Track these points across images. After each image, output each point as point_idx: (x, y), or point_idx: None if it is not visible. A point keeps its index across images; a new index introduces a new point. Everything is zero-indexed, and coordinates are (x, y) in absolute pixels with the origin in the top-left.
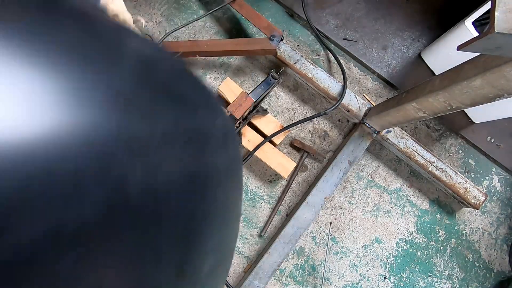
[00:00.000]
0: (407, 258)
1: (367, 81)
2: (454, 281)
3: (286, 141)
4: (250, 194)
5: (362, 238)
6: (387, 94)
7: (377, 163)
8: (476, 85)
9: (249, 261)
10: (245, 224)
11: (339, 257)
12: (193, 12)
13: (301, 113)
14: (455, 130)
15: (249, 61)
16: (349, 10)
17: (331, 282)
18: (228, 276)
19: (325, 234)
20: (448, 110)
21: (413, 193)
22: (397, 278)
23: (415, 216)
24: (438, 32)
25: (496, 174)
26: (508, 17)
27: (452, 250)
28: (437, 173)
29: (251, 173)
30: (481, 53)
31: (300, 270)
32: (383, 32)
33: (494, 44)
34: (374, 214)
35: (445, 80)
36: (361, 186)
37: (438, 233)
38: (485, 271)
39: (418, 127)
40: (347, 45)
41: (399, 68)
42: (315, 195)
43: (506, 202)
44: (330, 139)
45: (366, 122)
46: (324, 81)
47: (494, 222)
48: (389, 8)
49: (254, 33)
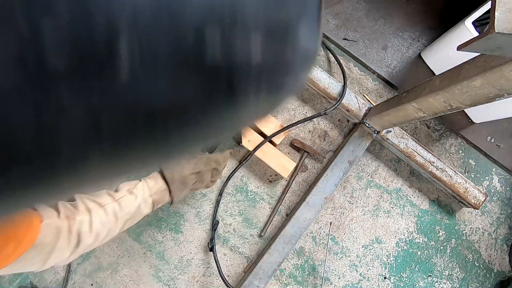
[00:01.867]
0: (407, 258)
1: (367, 81)
2: (454, 281)
3: (286, 141)
4: (250, 194)
5: (362, 238)
6: (387, 94)
7: (377, 163)
8: (476, 85)
9: (249, 261)
10: (245, 224)
11: (339, 257)
12: None
13: (301, 113)
14: (455, 130)
15: None
16: (349, 10)
17: (331, 282)
18: (228, 275)
19: (325, 234)
20: (448, 110)
21: (413, 193)
22: (397, 278)
23: (415, 216)
24: (438, 32)
25: (496, 174)
26: (508, 17)
27: (452, 250)
28: (437, 173)
29: (251, 173)
30: (481, 53)
31: (300, 270)
32: (383, 32)
33: (494, 44)
34: (374, 214)
35: (445, 80)
36: (361, 186)
37: (438, 233)
38: (485, 271)
39: (418, 127)
40: (347, 45)
41: (399, 68)
42: (315, 195)
43: (506, 202)
44: (330, 139)
45: (366, 122)
46: (324, 81)
47: (494, 222)
48: (389, 8)
49: None
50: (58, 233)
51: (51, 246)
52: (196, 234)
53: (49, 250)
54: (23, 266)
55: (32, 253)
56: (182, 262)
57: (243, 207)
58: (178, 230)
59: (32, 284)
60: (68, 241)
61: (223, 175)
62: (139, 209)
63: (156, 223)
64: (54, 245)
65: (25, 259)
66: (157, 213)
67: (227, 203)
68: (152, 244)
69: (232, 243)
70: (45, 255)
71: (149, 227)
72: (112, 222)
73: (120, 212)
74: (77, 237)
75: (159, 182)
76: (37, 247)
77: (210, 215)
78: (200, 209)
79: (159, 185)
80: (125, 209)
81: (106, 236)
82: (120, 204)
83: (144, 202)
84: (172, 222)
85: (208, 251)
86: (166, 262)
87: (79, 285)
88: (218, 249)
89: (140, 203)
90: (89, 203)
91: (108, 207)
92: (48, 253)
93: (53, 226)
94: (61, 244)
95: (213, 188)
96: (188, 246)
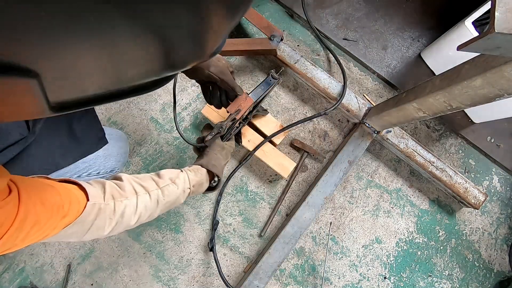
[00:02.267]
0: (407, 258)
1: (367, 81)
2: (454, 281)
3: (286, 141)
4: (250, 194)
5: (362, 238)
6: (387, 94)
7: (377, 163)
8: (476, 85)
9: (249, 261)
10: (245, 224)
11: (339, 257)
12: None
13: (301, 113)
14: (455, 130)
15: (249, 61)
16: (349, 10)
17: (331, 282)
18: (228, 276)
19: (325, 234)
20: (448, 110)
21: (413, 193)
22: (397, 278)
23: (415, 216)
24: (438, 32)
25: (496, 174)
26: (508, 17)
27: (452, 250)
28: (437, 173)
29: (251, 173)
30: (481, 53)
31: (300, 270)
32: (383, 32)
33: (494, 44)
34: (374, 214)
35: (445, 80)
36: (361, 186)
37: (438, 233)
38: (485, 271)
39: (418, 127)
40: (347, 45)
41: (399, 68)
42: (315, 195)
43: (506, 202)
44: (330, 139)
45: (366, 122)
46: (324, 81)
47: (494, 222)
48: (389, 8)
49: (254, 33)
50: (101, 214)
51: (92, 224)
52: (196, 234)
53: (90, 227)
54: (64, 236)
55: (74, 228)
56: (182, 262)
57: (243, 207)
58: (178, 230)
59: (32, 284)
60: (109, 221)
61: (223, 175)
62: (178, 198)
63: (156, 223)
64: (95, 223)
65: (67, 233)
66: None
67: (227, 203)
68: (152, 244)
69: (232, 243)
70: (86, 231)
71: (149, 227)
72: (154, 207)
73: (163, 199)
74: (121, 218)
75: (199, 175)
76: (78, 224)
77: (210, 215)
78: (200, 209)
79: (198, 177)
80: (167, 197)
81: (146, 219)
82: (163, 192)
83: (183, 193)
84: (172, 222)
85: (208, 251)
86: (166, 262)
87: (79, 285)
88: (218, 249)
89: (180, 193)
90: (136, 186)
91: (153, 193)
92: (88, 229)
93: (97, 207)
94: (101, 224)
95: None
96: (188, 246)
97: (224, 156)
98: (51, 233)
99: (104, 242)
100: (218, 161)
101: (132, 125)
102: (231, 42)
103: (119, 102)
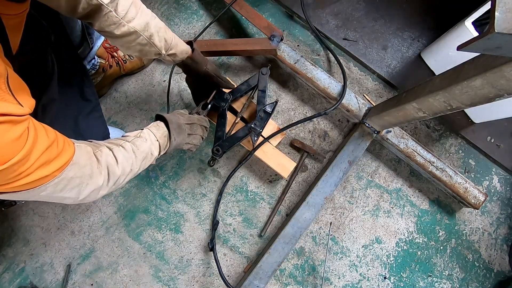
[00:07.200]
0: (407, 258)
1: (367, 81)
2: (454, 281)
3: (286, 141)
4: (250, 194)
5: (362, 238)
6: (387, 94)
7: (377, 163)
8: (476, 85)
9: (249, 261)
10: (245, 224)
11: (339, 257)
12: (193, 12)
13: (301, 113)
14: (455, 130)
15: (249, 61)
16: (349, 10)
17: (331, 282)
18: (228, 275)
19: (325, 234)
20: (448, 110)
21: (413, 193)
22: (397, 278)
23: (415, 216)
24: (438, 32)
25: (496, 174)
26: (508, 17)
27: (452, 250)
28: (437, 173)
29: (251, 173)
30: (481, 53)
31: (300, 270)
32: (383, 32)
33: (494, 44)
34: (374, 214)
35: (445, 80)
36: (361, 186)
37: (438, 233)
38: (485, 271)
39: (418, 127)
40: (347, 45)
41: (399, 68)
42: (315, 195)
43: (506, 202)
44: (330, 139)
45: (366, 122)
46: (324, 81)
47: (494, 222)
48: (389, 8)
49: (254, 33)
50: (90, 157)
51: (87, 169)
52: (196, 234)
53: (86, 174)
54: (64, 188)
55: (72, 171)
56: (182, 262)
57: (243, 207)
58: (178, 230)
59: (32, 284)
60: (99, 170)
61: (223, 175)
62: (151, 150)
63: (156, 223)
64: (89, 168)
65: (66, 178)
66: (157, 214)
67: (227, 203)
68: (152, 244)
69: (232, 243)
70: (83, 179)
71: (149, 227)
72: (133, 157)
73: (137, 150)
74: (107, 169)
75: (161, 128)
76: (75, 166)
77: (210, 215)
78: (200, 209)
79: (161, 131)
80: (140, 147)
81: (130, 172)
82: (135, 143)
83: (153, 145)
84: (172, 222)
85: (208, 251)
86: (166, 262)
87: (79, 285)
88: (218, 249)
89: (150, 145)
90: (108, 144)
91: (126, 145)
92: (85, 177)
93: (83, 149)
94: (94, 170)
95: (213, 188)
96: (188, 246)
97: (187, 118)
98: (55, 171)
99: (104, 242)
100: (175, 118)
101: (132, 125)
102: (231, 42)
103: (119, 102)
